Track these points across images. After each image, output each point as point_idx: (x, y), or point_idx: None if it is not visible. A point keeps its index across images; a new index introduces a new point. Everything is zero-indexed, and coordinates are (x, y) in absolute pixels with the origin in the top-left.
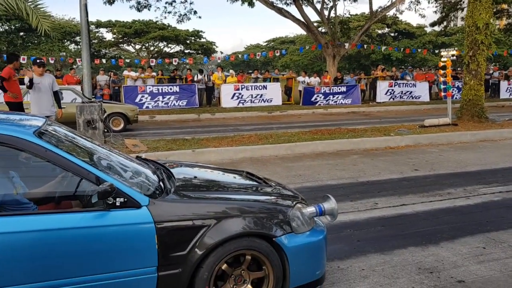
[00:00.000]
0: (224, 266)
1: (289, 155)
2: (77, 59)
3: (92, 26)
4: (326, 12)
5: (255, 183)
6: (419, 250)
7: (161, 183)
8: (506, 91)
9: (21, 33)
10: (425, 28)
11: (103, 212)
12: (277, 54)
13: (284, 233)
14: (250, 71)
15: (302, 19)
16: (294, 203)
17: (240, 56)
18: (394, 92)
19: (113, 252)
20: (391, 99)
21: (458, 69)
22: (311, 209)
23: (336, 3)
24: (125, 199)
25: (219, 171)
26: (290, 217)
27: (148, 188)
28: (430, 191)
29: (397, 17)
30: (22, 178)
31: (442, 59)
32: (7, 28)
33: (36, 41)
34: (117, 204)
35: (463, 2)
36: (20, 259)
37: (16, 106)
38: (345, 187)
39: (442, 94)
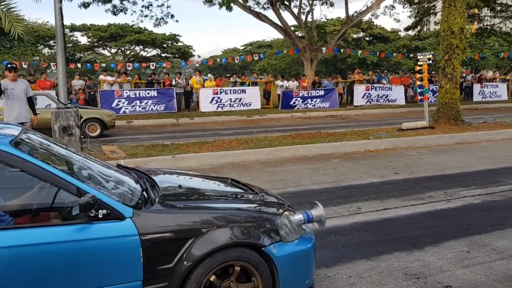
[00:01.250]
0: (212, 278)
1: (270, 159)
2: (51, 64)
3: (67, 30)
4: (303, 17)
5: (241, 190)
6: (405, 255)
7: (144, 192)
8: (479, 94)
9: None
10: (399, 33)
11: (85, 225)
12: (255, 58)
13: (272, 242)
14: (228, 75)
15: (279, 24)
16: (281, 210)
17: (218, 60)
18: (370, 95)
19: (96, 267)
20: (368, 103)
21: (433, 72)
22: (299, 217)
23: (313, 7)
24: (108, 211)
25: (204, 179)
26: (278, 225)
27: (131, 199)
28: (412, 195)
29: (372, 22)
30: None
31: (419, 63)
32: None
33: (8, 45)
34: (100, 216)
35: (436, 7)
36: None
37: None
38: (327, 192)
39: (419, 97)
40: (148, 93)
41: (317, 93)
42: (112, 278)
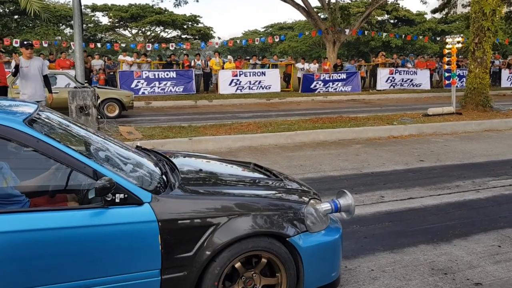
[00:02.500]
0: (237, 265)
1: (289, 144)
2: (71, 43)
3: (88, 10)
4: None
5: (264, 176)
6: (431, 248)
7: (164, 176)
8: (507, 79)
9: (16, 16)
10: (425, 15)
11: (101, 210)
12: (276, 40)
13: (298, 232)
14: (248, 57)
15: (302, 4)
16: (307, 199)
17: (238, 41)
18: (394, 79)
19: (112, 254)
20: (392, 87)
21: (460, 57)
22: (325, 206)
23: None
24: (126, 195)
25: (226, 163)
26: (304, 214)
27: (150, 183)
28: (438, 184)
29: (398, 4)
30: (13, 170)
31: (447, 46)
32: (1, 11)
33: (30, 24)
34: (117, 200)
35: None
36: (9, 262)
37: None
38: (348, 179)
39: (446, 82)
40: (167, 74)
41: (339, 76)
42: (129, 265)
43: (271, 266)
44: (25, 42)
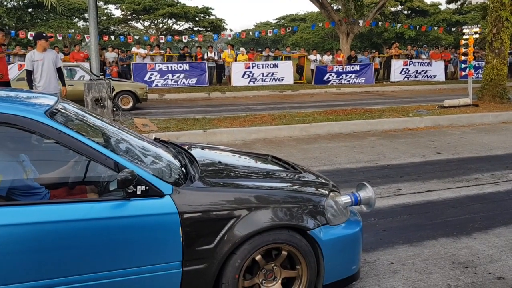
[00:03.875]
0: (258, 257)
1: (303, 136)
2: (85, 36)
3: (101, 3)
4: None
5: (283, 169)
6: (451, 241)
7: (183, 168)
8: None
9: (30, 9)
10: (439, 6)
11: (122, 202)
12: (288, 31)
13: (318, 225)
14: (260, 49)
15: None
16: (327, 191)
17: (251, 33)
18: (409, 71)
19: (133, 245)
20: (406, 79)
21: (476, 48)
22: (345, 198)
23: None
24: (147, 187)
25: (244, 155)
26: (324, 207)
27: (170, 175)
28: (456, 176)
29: None
30: (33, 162)
31: (464, 37)
32: (15, 4)
33: (44, 18)
34: (138, 192)
35: None
36: (32, 253)
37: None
38: (365, 171)
39: (463, 73)
40: (180, 67)
41: (352, 68)
42: (150, 257)
43: (292, 258)
44: (43, 34)
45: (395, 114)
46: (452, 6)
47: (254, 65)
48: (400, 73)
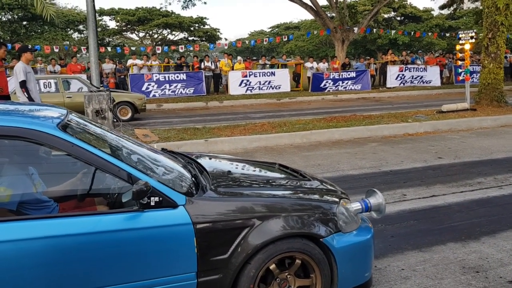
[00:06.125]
0: (272, 266)
1: (304, 143)
2: (82, 48)
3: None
4: None
5: (293, 177)
6: (460, 246)
7: (193, 178)
8: None
9: (24, 22)
10: (432, 12)
11: (136, 213)
12: (284, 40)
13: (331, 233)
14: (255, 58)
15: (310, 4)
16: (338, 198)
17: (247, 42)
18: (404, 76)
19: (149, 257)
20: (402, 84)
21: (470, 52)
22: (356, 205)
23: None
24: (160, 198)
25: (251, 164)
26: (336, 214)
27: (182, 185)
28: (459, 181)
29: (405, 0)
30: (41, 175)
31: (460, 42)
32: (10, 17)
33: (39, 30)
34: (152, 204)
35: None
36: (50, 266)
37: None
38: (368, 177)
39: (460, 78)
40: (177, 77)
41: (349, 75)
42: (165, 269)
43: (305, 267)
44: (29, 47)
45: (394, 120)
46: (445, 11)
47: (251, 73)
48: (396, 79)
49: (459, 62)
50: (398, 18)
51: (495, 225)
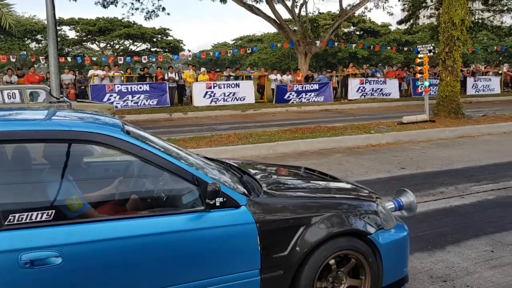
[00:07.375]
0: (331, 262)
1: (271, 155)
2: (40, 57)
3: None
4: (296, 10)
5: (328, 178)
6: (426, 256)
7: (241, 181)
8: (472, 87)
9: None
10: (390, 27)
11: (203, 213)
12: (248, 52)
13: (376, 230)
14: (219, 70)
15: (273, 17)
16: (375, 197)
17: (211, 53)
18: (365, 89)
19: (216, 255)
20: (362, 96)
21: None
22: (389, 204)
23: (307, 0)
24: (225, 199)
25: (283, 168)
26: (377, 212)
27: (236, 187)
28: (422, 191)
29: (365, 16)
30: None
31: (419, 55)
32: None
33: None
34: (217, 204)
35: (427, 1)
36: (122, 266)
37: None
38: None
39: (419, 90)
40: (140, 88)
41: (312, 87)
42: (232, 267)
43: (355, 265)
44: None
45: (358, 131)
46: (402, 26)
47: (215, 85)
48: (357, 91)
49: (418, 75)
50: (358, 33)
51: (459, 234)
